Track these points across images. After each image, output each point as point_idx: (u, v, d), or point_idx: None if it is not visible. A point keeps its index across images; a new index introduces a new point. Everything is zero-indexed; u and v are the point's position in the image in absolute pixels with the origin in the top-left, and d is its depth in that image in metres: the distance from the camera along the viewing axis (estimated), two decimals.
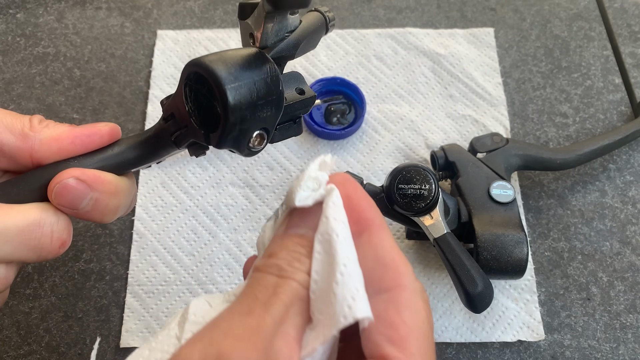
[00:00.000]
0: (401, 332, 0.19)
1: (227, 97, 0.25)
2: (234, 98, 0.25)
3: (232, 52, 0.27)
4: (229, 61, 0.26)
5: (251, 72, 0.26)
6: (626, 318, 0.45)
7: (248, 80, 0.26)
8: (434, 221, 0.39)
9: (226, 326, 0.19)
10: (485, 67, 0.57)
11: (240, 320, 0.19)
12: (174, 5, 0.60)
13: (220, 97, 0.25)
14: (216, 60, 0.26)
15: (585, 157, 0.49)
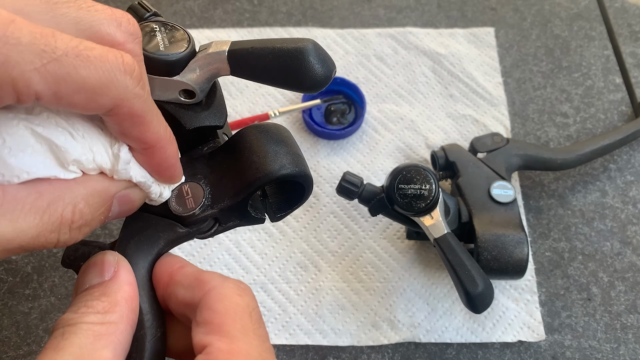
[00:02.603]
0: (215, 321, 0.21)
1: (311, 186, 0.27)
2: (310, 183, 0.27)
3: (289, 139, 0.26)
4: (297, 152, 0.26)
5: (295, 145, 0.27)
6: (627, 318, 0.45)
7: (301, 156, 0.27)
8: (434, 221, 0.39)
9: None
10: (485, 66, 0.56)
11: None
12: (174, 5, 0.60)
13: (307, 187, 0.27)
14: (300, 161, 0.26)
15: (585, 157, 0.49)
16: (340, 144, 0.52)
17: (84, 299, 0.22)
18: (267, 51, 0.25)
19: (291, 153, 0.26)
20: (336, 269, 0.47)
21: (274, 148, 0.25)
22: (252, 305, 0.23)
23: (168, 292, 0.24)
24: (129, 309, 0.22)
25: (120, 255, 0.24)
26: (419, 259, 0.47)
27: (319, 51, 0.26)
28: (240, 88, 0.55)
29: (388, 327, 0.44)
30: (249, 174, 0.25)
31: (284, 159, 0.25)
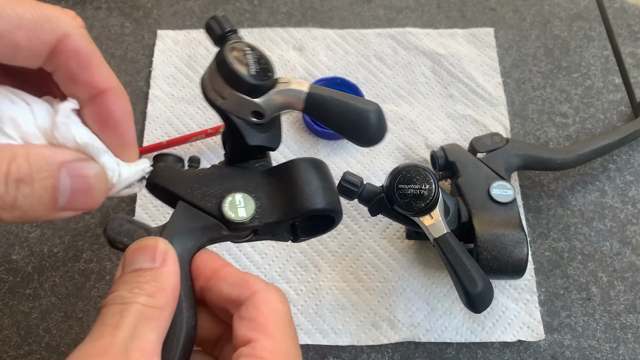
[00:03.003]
0: (260, 321, 0.24)
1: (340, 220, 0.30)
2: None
3: (331, 178, 0.30)
4: (336, 190, 0.30)
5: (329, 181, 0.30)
6: (626, 318, 0.45)
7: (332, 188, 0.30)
8: (434, 221, 0.39)
9: (81, 353, 0.22)
10: (485, 67, 0.57)
11: (93, 344, 0.22)
12: (174, 5, 0.60)
13: (337, 221, 0.30)
14: (338, 200, 0.30)
15: (585, 157, 0.49)
16: (340, 144, 0.52)
17: (135, 279, 0.23)
18: (341, 104, 0.29)
19: (333, 191, 0.30)
20: (336, 268, 0.47)
21: (322, 184, 0.29)
22: (290, 315, 0.25)
23: (210, 285, 0.26)
24: (173, 298, 0.24)
25: (170, 245, 0.25)
26: (419, 259, 0.47)
27: (381, 116, 0.31)
28: None
29: (388, 327, 0.45)
30: (299, 202, 0.28)
31: (330, 196, 0.29)
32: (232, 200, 0.28)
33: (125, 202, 0.49)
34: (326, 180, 0.30)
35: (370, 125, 0.30)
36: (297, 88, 0.28)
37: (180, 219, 0.27)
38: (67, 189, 0.22)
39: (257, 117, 0.29)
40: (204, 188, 0.28)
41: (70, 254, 0.47)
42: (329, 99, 0.29)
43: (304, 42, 0.58)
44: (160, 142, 0.51)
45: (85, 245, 0.48)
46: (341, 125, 0.30)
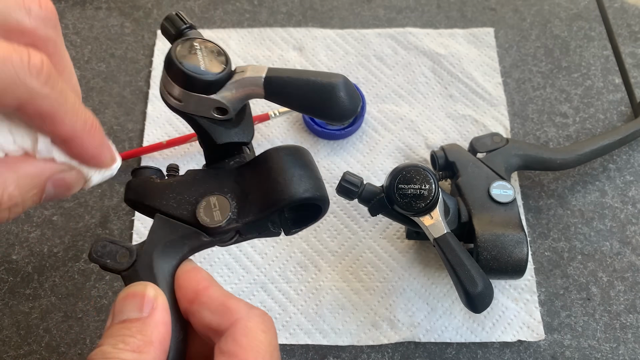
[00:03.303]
0: (240, 356, 0.22)
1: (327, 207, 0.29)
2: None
3: (311, 163, 0.29)
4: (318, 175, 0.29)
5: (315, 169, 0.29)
6: (626, 318, 0.45)
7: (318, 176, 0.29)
8: (434, 221, 0.39)
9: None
10: (485, 67, 0.57)
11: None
12: (174, 5, 0.60)
13: (324, 208, 0.29)
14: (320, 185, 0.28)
15: (585, 157, 0.49)
16: (340, 144, 0.52)
17: (121, 332, 0.23)
18: (302, 82, 0.27)
19: (313, 177, 0.28)
20: (336, 268, 0.47)
21: (298, 172, 0.27)
22: (274, 344, 0.24)
23: (192, 310, 0.25)
24: (161, 350, 0.23)
25: (159, 291, 0.24)
26: (419, 259, 0.47)
27: (349, 87, 0.27)
28: None
29: (388, 327, 0.45)
30: (274, 195, 0.27)
31: (308, 182, 0.27)
32: (206, 204, 0.27)
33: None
34: (305, 166, 0.28)
35: (337, 99, 0.27)
36: (253, 75, 0.27)
37: (158, 232, 0.27)
38: (51, 194, 0.23)
39: (222, 113, 0.27)
40: (178, 197, 0.28)
41: (70, 254, 0.47)
42: (287, 79, 0.27)
43: (304, 42, 0.58)
44: (160, 142, 0.51)
45: (85, 245, 0.48)
46: (307, 104, 0.27)
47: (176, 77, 0.26)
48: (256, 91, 0.27)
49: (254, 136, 0.30)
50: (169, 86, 0.27)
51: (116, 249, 0.26)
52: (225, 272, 0.47)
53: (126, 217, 0.49)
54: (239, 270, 0.47)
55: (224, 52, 0.27)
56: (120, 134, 0.53)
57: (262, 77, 0.27)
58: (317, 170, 0.29)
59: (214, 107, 0.27)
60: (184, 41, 0.27)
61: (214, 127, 0.28)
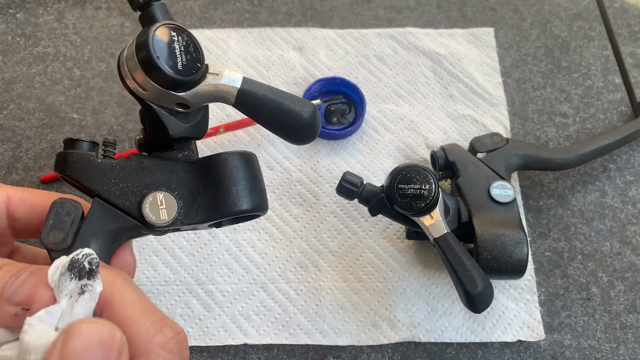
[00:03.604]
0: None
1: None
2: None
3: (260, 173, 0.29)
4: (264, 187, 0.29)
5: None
6: (626, 318, 0.45)
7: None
8: (434, 221, 0.39)
9: None
10: (485, 67, 0.57)
11: None
12: (174, 5, 0.60)
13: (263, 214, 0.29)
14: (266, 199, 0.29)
15: (585, 157, 0.49)
16: (340, 144, 0.52)
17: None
18: (274, 104, 0.27)
19: (261, 189, 0.28)
20: (336, 268, 0.47)
21: (249, 184, 0.27)
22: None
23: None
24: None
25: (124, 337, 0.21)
26: (419, 259, 0.47)
27: (315, 118, 0.28)
28: None
29: (388, 327, 0.45)
30: (224, 205, 0.26)
31: (256, 196, 0.27)
32: (153, 200, 0.26)
33: None
34: (253, 178, 0.28)
35: (302, 128, 0.28)
36: (227, 83, 0.26)
37: (97, 219, 0.25)
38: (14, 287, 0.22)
39: (183, 107, 0.27)
40: (122, 184, 0.26)
41: None
42: (261, 97, 0.27)
43: (304, 42, 0.58)
44: None
45: None
46: (273, 125, 0.28)
47: (147, 66, 0.25)
48: (226, 99, 0.27)
49: (206, 131, 0.29)
50: (134, 70, 0.25)
51: (62, 224, 0.24)
52: (226, 272, 0.47)
53: None
54: (239, 270, 0.47)
55: (200, 49, 0.26)
56: (120, 134, 0.53)
57: (236, 88, 0.26)
58: (263, 179, 0.29)
59: (177, 102, 0.26)
60: (163, 27, 0.25)
61: (170, 119, 0.27)
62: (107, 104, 0.54)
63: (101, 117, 0.54)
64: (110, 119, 0.54)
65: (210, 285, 0.46)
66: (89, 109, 0.54)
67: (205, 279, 0.46)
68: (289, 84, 0.55)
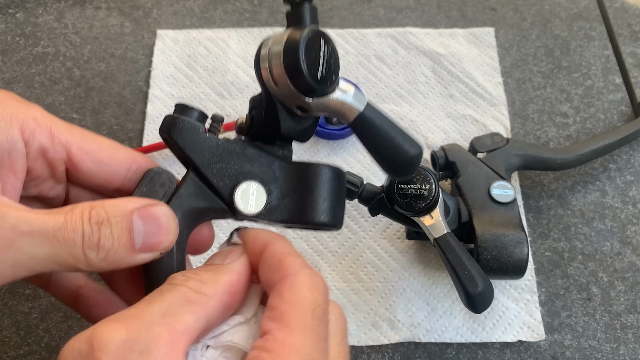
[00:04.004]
0: (281, 310, 0.22)
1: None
2: None
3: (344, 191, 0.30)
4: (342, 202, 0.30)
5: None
6: (627, 318, 0.45)
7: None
8: (434, 221, 0.39)
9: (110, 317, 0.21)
10: (485, 66, 0.56)
11: (123, 312, 0.21)
12: (174, 5, 0.60)
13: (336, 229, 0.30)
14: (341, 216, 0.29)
15: (585, 157, 0.49)
16: (340, 144, 0.52)
17: (198, 269, 0.24)
18: (387, 138, 0.28)
19: (343, 208, 0.29)
20: (336, 268, 0.47)
21: (336, 200, 0.28)
22: (319, 301, 0.23)
23: (258, 265, 0.25)
24: (227, 292, 0.23)
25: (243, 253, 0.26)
26: (419, 259, 0.47)
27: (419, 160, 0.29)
28: (240, 88, 0.55)
29: (388, 327, 0.45)
30: (308, 214, 0.27)
31: (339, 213, 0.28)
32: (246, 189, 0.27)
33: None
34: (339, 194, 0.29)
35: (404, 165, 0.29)
36: (353, 104, 0.27)
37: (188, 196, 0.26)
38: (141, 230, 0.24)
39: (302, 111, 0.27)
40: (221, 164, 0.27)
41: None
42: (378, 126, 0.28)
43: None
44: (160, 142, 0.51)
45: None
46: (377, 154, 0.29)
47: (290, 68, 0.25)
48: (346, 116, 0.28)
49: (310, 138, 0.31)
50: (275, 65, 0.26)
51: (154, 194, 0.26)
52: None
53: None
54: None
55: (338, 62, 0.27)
56: (120, 134, 0.53)
57: (359, 111, 0.27)
58: (345, 197, 0.30)
59: (299, 105, 0.27)
60: (316, 34, 0.26)
61: (286, 118, 0.28)
62: (107, 104, 0.54)
63: (101, 117, 0.54)
64: (110, 119, 0.54)
65: None
66: (89, 109, 0.54)
67: None
68: None
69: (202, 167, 0.26)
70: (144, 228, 0.24)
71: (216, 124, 0.28)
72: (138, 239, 0.23)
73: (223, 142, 0.27)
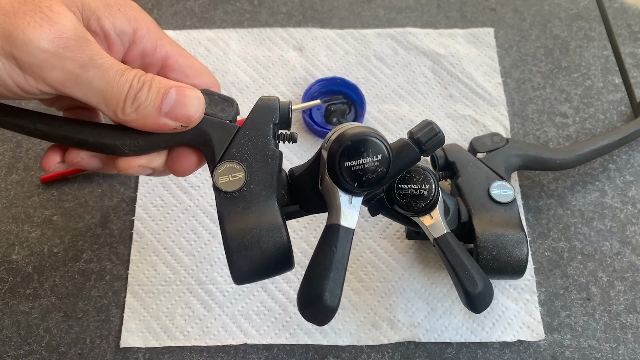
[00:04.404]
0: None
1: None
2: None
3: None
4: None
5: None
6: (626, 318, 0.45)
7: None
8: (434, 221, 0.39)
9: None
10: (485, 67, 0.57)
11: None
12: (174, 5, 0.60)
13: None
14: None
15: (585, 157, 0.49)
16: None
17: None
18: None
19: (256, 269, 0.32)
20: None
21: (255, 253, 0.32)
22: None
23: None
24: None
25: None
26: (419, 259, 0.47)
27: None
28: (241, 88, 0.55)
29: (388, 327, 0.45)
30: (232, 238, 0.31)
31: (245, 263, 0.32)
32: (235, 168, 0.31)
33: (125, 202, 0.49)
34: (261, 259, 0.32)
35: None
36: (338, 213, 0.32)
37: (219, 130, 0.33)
38: (172, 99, 0.30)
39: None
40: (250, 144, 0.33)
41: (70, 254, 0.47)
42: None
43: (304, 42, 0.58)
44: None
45: (85, 245, 0.48)
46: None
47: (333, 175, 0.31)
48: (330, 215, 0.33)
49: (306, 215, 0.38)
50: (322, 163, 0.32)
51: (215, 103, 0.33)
52: (226, 272, 0.47)
53: (126, 217, 0.49)
54: None
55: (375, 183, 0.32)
56: None
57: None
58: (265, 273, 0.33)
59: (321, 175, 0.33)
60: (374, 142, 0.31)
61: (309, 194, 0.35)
62: None
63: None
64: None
65: (210, 285, 0.46)
66: None
67: (205, 279, 0.46)
68: (289, 84, 0.55)
69: (243, 129, 0.33)
70: (175, 100, 0.30)
71: (284, 136, 0.34)
72: (167, 105, 0.30)
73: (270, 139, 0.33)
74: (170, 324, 0.45)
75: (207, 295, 0.46)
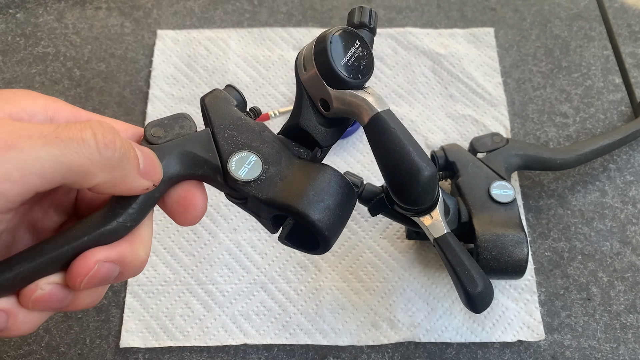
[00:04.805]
0: None
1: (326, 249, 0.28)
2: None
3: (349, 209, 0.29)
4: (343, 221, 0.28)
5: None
6: (626, 318, 0.45)
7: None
8: (434, 221, 0.39)
9: None
10: (485, 67, 0.57)
11: None
12: (174, 5, 0.60)
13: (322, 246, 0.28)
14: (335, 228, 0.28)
15: (585, 157, 0.49)
16: (340, 144, 0.52)
17: None
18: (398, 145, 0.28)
19: (335, 217, 0.27)
20: (336, 268, 0.47)
21: (330, 203, 0.27)
22: None
23: None
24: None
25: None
26: (419, 259, 0.47)
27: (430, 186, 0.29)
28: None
29: (388, 327, 0.45)
30: (295, 199, 0.27)
31: (328, 217, 0.27)
32: (244, 157, 0.28)
33: None
34: (338, 203, 0.28)
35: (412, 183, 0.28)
36: (372, 104, 0.28)
37: (194, 142, 0.27)
38: (142, 158, 0.25)
39: (323, 106, 0.29)
40: (234, 132, 0.28)
41: None
42: (392, 130, 0.28)
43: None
44: None
45: None
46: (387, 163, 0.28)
47: (317, 52, 0.27)
48: (362, 115, 0.28)
49: (330, 147, 0.31)
50: (307, 52, 0.28)
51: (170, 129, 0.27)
52: (225, 272, 0.47)
53: None
54: (239, 270, 0.47)
55: (370, 71, 0.29)
56: None
57: (376, 111, 0.28)
58: (346, 217, 0.29)
59: (322, 97, 0.28)
60: (348, 33, 0.28)
61: (308, 111, 0.29)
62: (108, 104, 0.54)
63: None
64: None
65: (210, 285, 0.46)
66: (89, 109, 0.54)
67: (205, 279, 0.46)
68: (289, 84, 0.55)
69: (216, 128, 0.28)
70: (143, 157, 0.25)
71: (251, 113, 0.30)
72: (141, 163, 0.24)
73: (245, 118, 0.29)
74: (170, 324, 0.45)
75: (207, 295, 0.46)
